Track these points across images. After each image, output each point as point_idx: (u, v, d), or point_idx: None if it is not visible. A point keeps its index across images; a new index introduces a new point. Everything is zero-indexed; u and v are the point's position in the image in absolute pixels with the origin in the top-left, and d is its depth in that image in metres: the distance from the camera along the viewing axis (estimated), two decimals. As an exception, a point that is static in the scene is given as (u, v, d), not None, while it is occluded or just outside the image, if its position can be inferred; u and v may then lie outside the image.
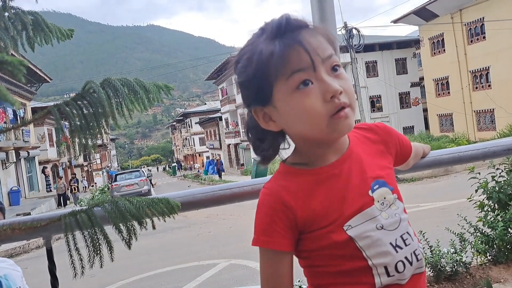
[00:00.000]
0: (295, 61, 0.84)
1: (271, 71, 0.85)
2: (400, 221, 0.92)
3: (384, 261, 0.87)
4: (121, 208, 1.11)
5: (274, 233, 0.89)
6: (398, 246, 0.89)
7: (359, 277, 0.88)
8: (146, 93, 1.21)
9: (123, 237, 1.12)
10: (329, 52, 0.88)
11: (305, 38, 0.85)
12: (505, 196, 4.82)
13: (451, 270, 4.58)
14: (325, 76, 0.85)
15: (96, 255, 1.10)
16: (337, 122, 0.85)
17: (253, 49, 0.88)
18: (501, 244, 4.77)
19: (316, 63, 0.85)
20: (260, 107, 0.92)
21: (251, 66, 0.88)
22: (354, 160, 0.94)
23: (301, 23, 0.87)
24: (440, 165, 1.38)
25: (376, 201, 0.91)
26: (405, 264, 0.89)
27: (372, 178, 0.93)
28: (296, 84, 0.85)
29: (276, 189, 0.92)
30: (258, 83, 0.88)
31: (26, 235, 1.19)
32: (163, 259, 8.54)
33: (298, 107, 0.86)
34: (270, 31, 0.87)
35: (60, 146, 1.16)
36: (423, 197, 11.35)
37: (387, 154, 1.02)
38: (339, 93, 0.84)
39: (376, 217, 0.89)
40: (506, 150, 1.37)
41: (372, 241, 0.87)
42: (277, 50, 0.84)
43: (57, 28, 1.37)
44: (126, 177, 28.18)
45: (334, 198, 0.90)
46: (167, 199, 1.18)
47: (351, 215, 0.88)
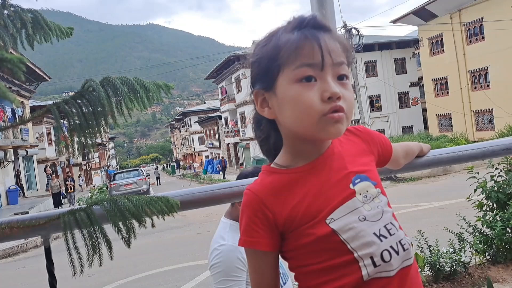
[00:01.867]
0: (307, 54, 0.87)
1: (283, 56, 0.89)
2: (383, 212, 0.92)
3: (370, 251, 0.87)
4: (120, 206, 1.10)
5: (255, 233, 0.92)
6: (382, 236, 0.89)
7: (346, 271, 0.88)
8: (146, 92, 1.21)
9: (123, 236, 1.12)
10: (341, 59, 0.90)
11: (324, 38, 0.88)
12: (504, 195, 4.82)
13: (450, 270, 4.59)
14: (329, 78, 0.87)
15: (95, 254, 1.10)
16: (327, 122, 0.87)
17: (274, 35, 0.93)
18: (499, 244, 4.78)
19: (326, 63, 0.87)
20: (262, 90, 0.95)
21: (267, 47, 0.92)
22: (336, 158, 0.96)
23: (325, 26, 0.91)
24: (439, 164, 1.38)
25: (358, 194, 0.91)
26: (391, 253, 0.88)
27: (353, 173, 0.94)
28: (301, 76, 0.87)
29: (257, 190, 0.94)
30: (268, 63, 0.91)
31: (24, 234, 1.19)
32: (162, 258, 8.54)
33: (296, 98, 0.88)
34: (294, 22, 0.91)
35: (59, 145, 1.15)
36: (422, 196, 11.36)
37: (369, 153, 1.04)
38: (338, 97, 0.86)
39: (358, 209, 0.90)
40: (505, 150, 1.37)
41: (356, 233, 0.88)
42: (294, 39, 0.88)
43: (57, 26, 1.36)
44: (125, 176, 28.16)
45: (314, 194, 0.91)
46: (166, 197, 1.17)
47: (333, 209, 0.89)
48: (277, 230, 0.92)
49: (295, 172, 0.94)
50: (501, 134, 21.38)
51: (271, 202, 0.92)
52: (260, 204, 0.92)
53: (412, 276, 0.93)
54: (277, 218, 0.91)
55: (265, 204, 0.92)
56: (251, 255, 0.96)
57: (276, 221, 0.91)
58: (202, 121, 55.29)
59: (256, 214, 0.92)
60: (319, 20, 0.92)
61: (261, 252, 0.93)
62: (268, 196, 0.92)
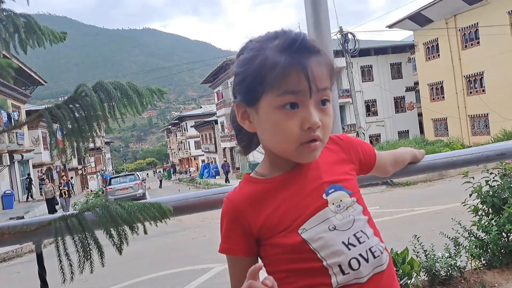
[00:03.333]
0: (293, 82, 0.87)
1: (268, 80, 0.88)
2: (354, 221, 0.93)
3: (338, 260, 0.89)
4: (112, 212, 1.09)
5: (232, 240, 0.96)
6: (351, 244, 0.90)
7: (317, 278, 0.90)
8: (139, 97, 1.20)
9: (114, 242, 1.11)
10: (325, 85, 0.91)
11: (311, 65, 0.88)
12: (499, 200, 4.83)
13: (445, 275, 4.58)
14: (311, 106, 0.89)
15: (87, 260, 1.09)
16: (304, 151, 0.90)
17: (261, 50, 0.91)
18: (495, 248, 4.78)
19: (313, 91, 0.88)
20: (244, 104, 0.95)
21: (252, 64, 0.91)
22: (312, 167, 0.97)
23: (314, 47, 0.90)
24: (435, 169, 1.38)
25: (330, 204, 0.93)
26: (360, 261, 0.90)
27: (328, 182, 0.96)
28: (284, 103, 0.88)
29: (235, 198, 0.98)
30: (252, 83, 0.91)
31: (16, 240, 1.18)
32: (157, 263, 8.50)
33: (277, 124, 0.89)
34: (283, 42, 0.89)
35: (53, 150, 1.14)
36: (417, 201, 11.36)
37: (348, 162, 1.05)
38: (317, 126, 0.88)
39: (329, 219, 0.92)
40: (499, 155, 1.37)
41: (325, 242, 0.90)
42: (281, 65, 0.87)
43: (50, 31, 1.36)
44: (121, 181, 28.09)
45: (288, 205, 0.93)
46: (159, 203, 1.17)
47: (306, 219, 0.91)
48: (253, 238, 0.95)
49: (272, 182, 0.97)
50: (497, 139, 21.46)
51: (247, 211, 0.95)
52: (236, 213, 0.96)
53: (386, 281, 0.94)
54: (252, 226, 0.94)
55: (241, 213, 0.95)
56: (230, 260, 0.99)
57: (251, 229, 0.94)
58: (198, 126, 55.22)
59: (234, 222, 0.96)
60: (308, 42, 0.90)
61: (238, 258, 0.97)
62: (245, 206, 0.95)
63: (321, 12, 1.39)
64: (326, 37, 1.39)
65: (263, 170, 1.00)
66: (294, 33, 0.91)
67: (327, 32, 1.40)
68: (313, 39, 0.94)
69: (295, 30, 0.93)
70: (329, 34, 1.40)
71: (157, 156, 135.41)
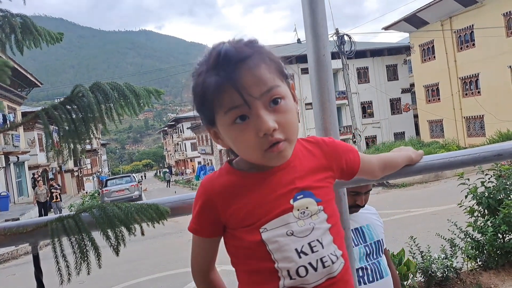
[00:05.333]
0: (228, 99, 0.88)
1: (210, 103, 0.91)
2: (313, 229, 0.95)
3: (287, 265, 0.92)
4: (109, 214, 1.09)
5: (201, 223, 1.01)
6: (303, 252, 0.93)
7: (266, 278, 0.95)
8: (137, 97, 1.20)
9: (111, 244, 1.10)
10: (268, 86, 0.89)
11: (240, 75, 0.87)
12: (495, 201, 4.85)
13: (441, 276, 4.60)
14: (261, 111, 0.89)
15: (83, 261, 1.08)
16: (270, 156, 0.91)
17: (200, 76, 0.93)
18: (491, 249, 4.80)
19: (250, 101, 0.88)
20: (209, 126, 0.99)
21: (197, 91, 0.94)
22: (287, 171, 0.99)
23: (240, 55, 0.88)
24: (431, 170, 1.38)
25: (295, 209, 0.95)
26: (308, 269, 0.93)
27: (298, 189, 0.97)
28: (232, 119, 0.90)
29: (210, 184, 1.01)
30: (202, 108, 0.95)
31: (12, 242, 1.17)
32: (154, 265, 8.48)
33: (236, 140, 0.93)
34: (210, 61, 0.91)
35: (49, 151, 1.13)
36: (414, 202, 11.39)
37: (327, 169, 1.05)
38: (272, 130, 0.88)
39: (290, 224, 0.94)
40: (496, 156, 1.37)
41: (279, 246, 0.93)
42: (213, 86, 0.89)
43: (47, 32, 1.35)
44: (117, 183, 28.02)
45: (257, 203, 0.96)
46: (156, 204, 1.16)
47: (269, 220, 0.94)
48: (220, 223, 0.99)
49: (248, 177, 0.99)
50: (492, 140, 21.55)
51: (218, 201, 0.98)
52: (209, 201, 0.99)
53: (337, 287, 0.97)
54: (221, 215, 0.98)
55: (213, 202, 0.98)
56: (194, 237, 1.06)
57: (220, 217, 0.98)
58: (194, 127, 55.08)
59: (205, 208, 0.99)
60: (233, 51, 0.89)
61: (203, 238, 1.04)
62: (218, 196, 0.98)
63: (319, 13, 1.39)
64: (323, 38, 1.39)
65: (243, 164, 1.02)
66: (218, 48, 0.90)
67: (325, 33, 1.40)
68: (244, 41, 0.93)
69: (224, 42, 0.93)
70: (327, 35, 1.40)
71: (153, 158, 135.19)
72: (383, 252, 2.03)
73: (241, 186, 0.98)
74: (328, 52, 1.41)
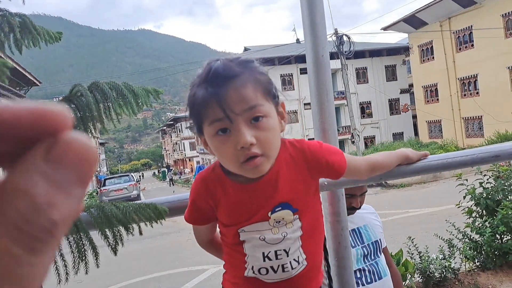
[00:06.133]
0: (212, 112, 0.97)
1: (198, 113, 1.01)
2: (284, 239, 1.07)
3: (253, 263, 1.08)
4: (107, 213, 1.09)
5: (194, 213, 1.14)
6: (268, 257, 1.07)
7: (238, 266, 1.11)
8: (135, 97, 1.20)
9: (109, 243, 1.10)
10: (250, 105, 0.96)
11: (224, 92, 0.95)
12: (493, 202, 4.86)
13: (440, 276, 4.60)
14: (242, 126, 0.96)
15: (81, 261, 1.08)
16: (247, 169, 0.99)
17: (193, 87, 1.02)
18: (489, 250, 4.81)
19: (231, 116, 0.95)
20: (199, 134, 1.07)
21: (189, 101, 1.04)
22: (271, 184, 1.06)
23: (229, 73, 0.96)
24: (429, 171, 1.38)
25: (271, 220, 1.06)
26: (269, 271, 1.07)
27: (278, 201, 1.06)
28: (215, 130, 0.99)
29: (206, 179, 1.11)
30: (192, 115, 1.04)
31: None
32: (152, 264, 8.47)
33: (217, 149, 1.01)
34: (203, 76, 0.99)
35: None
36: (412, 203, 11.40)
37: (308, 178, 1.11)
38: (250, 144, 0.95)
39: (264, 231, 1.06)
40: (494, 157, 1.37)
41: (251, 246, 1.07)
42: (200, 99, 0.98)
43: (45, 31, 1.35)
44: (115, 182, 27.95)
45: (241, 208, 1.07)
46: (154, 204, 1.16)
47: (247, 224, 1.07)
48: (213, 211, 1.12)
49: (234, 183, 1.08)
50: (490, 141, 21.57)
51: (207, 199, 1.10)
52: (204, 191, 1.10)
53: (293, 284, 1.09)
54: (212, 206, 1.11)
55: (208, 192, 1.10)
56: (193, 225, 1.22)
57: (212, 206, 1.11)
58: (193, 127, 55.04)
59: (199, 199, 1.11)
60: (221, 69, 0.96)
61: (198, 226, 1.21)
62: (208, 191, 1.10)
63: (317, 14, 1.39)
64: (322, 39, 1.39)
65: None
66: (211, 64, 0.99)
67: (323, 34, 1.40)
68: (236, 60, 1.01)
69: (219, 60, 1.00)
70: (325, 36, 1.40)
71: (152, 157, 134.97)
72: (382, 251, 2.03)
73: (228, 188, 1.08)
74: (326, 53, 1.41)
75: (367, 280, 1.87)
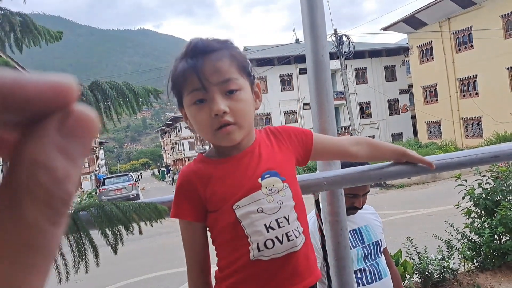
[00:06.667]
0: (190, 82, 1.05)
1: (178, 84, 1.09)
2: (281, 206, 1.08)
3: (257, 238, 1.06)
4: (107, 212, 1.09)
5: (182, 206, 1.12)
6: (270, 228, 1.06)
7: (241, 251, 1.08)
8: (135, 96, 1.20)
9: (109, 242, 1.11)
10: (225, 77, 1.05)
11: (202, 64, 1.04)
12: (492, 203, 4.86)
13: (438, 277, 4.60)
14: (216, 95, 1.04)
15: (81, 260, 1.08)
16: (220, 136, 1.06)
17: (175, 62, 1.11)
18: (487, 251, 4.81)
19: (207, 86, 1.04)
20: (180, 107, 1.15)
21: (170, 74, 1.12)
22: (254, 155, 1.13)
23: (208, 48, 1.06)
24: (429, 171, 1.38)
25: (263, 187, 1.08)
26: (275, 242, 1.06)
27: (265, 169, 1.11)
28: (193, 100, 1.07)
29: (187, 172, 1.14)
30: (173, 87, 1.12)
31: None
32: (151, 264, 8.47)
33: (194, 118, 1.09)
34: (183, 51, 1.08)
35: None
36: (411, 203, 11.41)
37: (287, 152, 1.19)
38: (223, 112, 1.03)
39: (260, 200, 1.07)
40: (493, 157, 1.37)
41: (251, 221, 1.06)
42: (180, 69, 1.07)
43: (46, 30, 1.35)
44: (114, 181, 27.94)
45: (229, 184, 1.09)
46: (154, 204, 1.16)
47: (240, 197, 1.07)
48: (200, 205, 1.11)
49: (218, 163, 1.13)
50: (489, 142, 21.58)
51: (196, 182, 1.11)
52: (187, 184, 1.12)
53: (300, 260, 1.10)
54: (201, 195, 1.10)
55: (191, 183, 1.11)
56: (182, 226, 1.15)
57: (200, 197, 1.10)
58: (192, 127, 55.11)
59: (183, 191, 1.12)
60: (201, 44, 1.06)
61: (188, 222, 1.13)
62: (195, 179, 1.11)
63: (317, 15, 1.39)
64: (322, 39, 1.40)
65: (211, 153, 1.17)
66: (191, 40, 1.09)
67: (323, 34, 1.41)
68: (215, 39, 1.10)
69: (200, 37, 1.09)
70: (325, 36, 1.40)
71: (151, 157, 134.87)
72: (383, 251, 2.03)
73: (213, 170, 1.11)
74: (326, 53, 1.41)
75: (368, 280, 1.87)
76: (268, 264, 1.07)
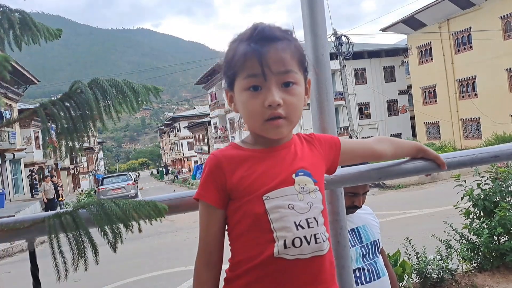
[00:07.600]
0: (250, 67, 1.03)
1: (235, 66, 1.06)
2: (311, 208, 1.06)
3: (285, 235, 1.02)
4: (107, 210, 1.09)
5: (208, 189, 1.09)
6: (300, 226, 1.03)
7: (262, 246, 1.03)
8: (135, 94, 1.19)
9: (109, 240, 1.10)
10: (287, 68, 1.04)
11: (266, 51, 1.02)
12: (490, 203, 4.86)
13: (437, 277, 4.61)
14: (273, 86, 1.03)
15: (81, 258, 1.08)
16: (268, 127, 1.05)
17: (234, 43, 1.09)
18: (486, 251, 4.82)
19: (267, 74, 1.02)
20: (228, 89, 1.13)
21: (228, 55, 1.09)
22: (291, 151, 1.12)
23: (273, 35, 1.04)
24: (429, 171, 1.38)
25: (296, 184, 1.06)
26: (303, 241, 1.02)
27: (299, 166, 1.09)
28: (248, 85, 1.05)
29: (218, 155, 1.11)
30: (227, 69, 1.10)
31: (9, 237, 1.17)
32: (150, 264, 8.47)
33: (244, 104, 1.06)
34: (247, 34, 1.06)
35: (46, 148, 1.12)
36: (409, 203, 11.42)
37: (319, 157, 1.18)
38: (277, 104, 1.02)
39: (292, 196, 1.04)
40: (493, 157, 1.37)
41: (280, 216, 1.02)
42: (241, 52, 1.04)
43: (45, 28, 1.34)
44: (113, 181, 27.98)
45: (261, 173, 1.06)
46: (154, 202, 1.16)
47: (272, 189, 1.04)
48: (225, 192, 1.07)
49: (253, 151, 1.10)
50: (488, 143, 21.60)
51: (225, 168, 1.07)
52: (217, 167, 1.08)
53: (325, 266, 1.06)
54: (227, 182, 1.07)
55: (221, 168, 1.08)
56: (202, 208, 1.11)
57: (226, 184, 1.07)
58: (191, 127, 55.09)
59: (212, 174, 1.08)
60: (267, 31, 1.04)
61: (211, 207, 1.09)
62: (225, 163, 1.08)
63: (318, 13, 1.39)
64: (322, 38, 1.39)
65: (248, 140, 1.15)
66: (257, 25, 1.05)
67: (324, 33, 1.40)
68: (279, 28, 1.07)
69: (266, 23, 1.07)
70: (325, 34, 1.40)
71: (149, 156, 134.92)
72: (380, 252, 2.04)
73: (247, 157, 1.09)
74: (326, 52, 1.41)
75: (366, 279, 1.87)
76: (291, 264, 1.02)
